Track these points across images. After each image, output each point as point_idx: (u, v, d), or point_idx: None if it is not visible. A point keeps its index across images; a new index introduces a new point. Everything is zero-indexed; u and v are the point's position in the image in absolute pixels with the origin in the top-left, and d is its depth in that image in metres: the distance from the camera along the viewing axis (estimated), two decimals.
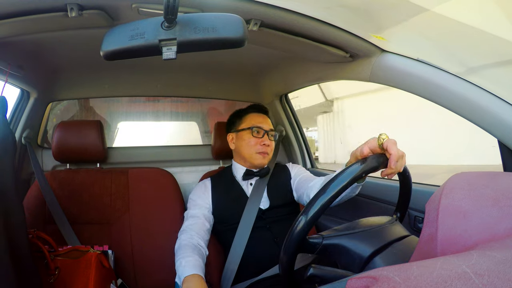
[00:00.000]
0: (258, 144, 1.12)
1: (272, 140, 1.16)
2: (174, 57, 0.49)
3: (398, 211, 0.77)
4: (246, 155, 1.14)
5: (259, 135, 1.13)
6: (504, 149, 0.70)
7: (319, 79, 1.21)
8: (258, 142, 1.12)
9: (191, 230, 1.03)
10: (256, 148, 1.12)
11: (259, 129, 1.13)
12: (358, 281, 0.33)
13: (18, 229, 0.74)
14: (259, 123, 1.14)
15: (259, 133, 1.13)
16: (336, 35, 0.78)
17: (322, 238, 0.62)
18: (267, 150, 1.13)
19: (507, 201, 0.42)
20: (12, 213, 0.72)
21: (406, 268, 0.31)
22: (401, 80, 0.80)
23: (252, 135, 1.13)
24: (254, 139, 1.13)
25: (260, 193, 1.12)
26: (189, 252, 0.94)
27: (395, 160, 0.62)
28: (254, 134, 1.13)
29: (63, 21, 0.68)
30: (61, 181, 1.20)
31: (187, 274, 0.85)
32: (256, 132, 1.13)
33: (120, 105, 2.27)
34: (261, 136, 1.13)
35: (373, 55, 0.84)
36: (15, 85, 1.13)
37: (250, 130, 1.13)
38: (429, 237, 0.44)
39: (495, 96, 0.67)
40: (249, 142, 1.13)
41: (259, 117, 1.17)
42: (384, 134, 0.64)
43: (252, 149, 1.13)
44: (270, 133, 1.15)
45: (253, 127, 1.13)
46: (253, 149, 1.12)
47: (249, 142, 1.13)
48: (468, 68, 0.78)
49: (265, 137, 1.13)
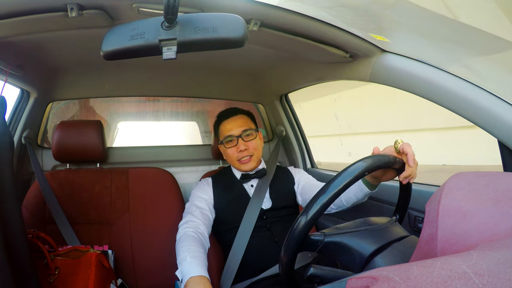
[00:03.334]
0: (235, 153, 1.11)
1: (250, 140, 1.11)
2: (174, 57, 0.50)
3: (398, 212, 0.77)
4: (233, 165, 1.16)
5: (233, 143, 1.11)
6: (504, 149, 0.70)
7: (319, 79, 1.21)
8: (235, 150, 1.11)
9: (197, 219, 1.03)
10: (235, 156, 1.11)
11: (231, 137, 1.11)
12: (358, 281, 0.33)
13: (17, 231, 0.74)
14: (228, 131, 1.12)
15: (232, 141, 1.11)
16: (336, 35, 0.78)
17: (324, 235, 0.62)
18: (246, 154, 1.10)
19: (507, 201, 0.42)
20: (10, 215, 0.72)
21: (406, 268, 0.31)
22: (401, 80, 0.80)
23: (225, 147, 1.12)
24: (231, 150, 1.12)
25: (263, 194, 1.12)
26: (195, 245, 0.92)
27: (412, 159, 0.66)
28: (228, 146, 1.12)
29: (63, 21, 0.68)
30: (61, 181, 1.19)
31: (194, 275, 0.82)
32: (228, 141, 1.12)
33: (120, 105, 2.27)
34: (236, 144, 1.11)
35: (373, 55, 0.84)
36: (15, 85, 1.13)
37: (223, 143, 1.13)
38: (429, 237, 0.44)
39: (495, 96, 0.67)
40: (228, 153, 1.13)
41: (228, 124, 1.14)
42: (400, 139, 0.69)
43: (233, 159, 1.12)
44: (243, 134, 1.11)
45: (224, 140, 1.13)
46: (234, 157, 1.12)
47: (228, 154, 1.13)
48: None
49: (239, 143, 1.10)
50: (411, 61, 0.77)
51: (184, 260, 0.87)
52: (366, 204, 1.16)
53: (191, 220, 1.03)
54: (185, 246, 0.92)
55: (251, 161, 1.11)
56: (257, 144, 1.14)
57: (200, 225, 1.02)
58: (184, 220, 1.04)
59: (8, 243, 0.69)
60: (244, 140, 1.10)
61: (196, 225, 1.01)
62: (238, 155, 1.10)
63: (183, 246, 0.92)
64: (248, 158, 1.11)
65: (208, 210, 1.10)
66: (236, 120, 1.14)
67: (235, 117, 1.15)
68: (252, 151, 1.11)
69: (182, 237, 0.96)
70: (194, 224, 1.01)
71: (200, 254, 0.90)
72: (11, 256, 0.70)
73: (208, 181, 1.18)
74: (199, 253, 0.90)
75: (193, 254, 0.88)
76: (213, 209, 1.12)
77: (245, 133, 1.11)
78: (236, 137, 1.10)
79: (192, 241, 0.94)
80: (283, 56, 1.17)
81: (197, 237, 0.97)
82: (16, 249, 0.73)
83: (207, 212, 1.08)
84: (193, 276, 0.82)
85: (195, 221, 1.03)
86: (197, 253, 0.89)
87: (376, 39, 0.80)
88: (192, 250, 0.90)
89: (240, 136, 1.10)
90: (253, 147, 1.11)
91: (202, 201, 1.11)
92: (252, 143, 1.12)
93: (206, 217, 1.07)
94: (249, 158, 1.11)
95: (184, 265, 0.86)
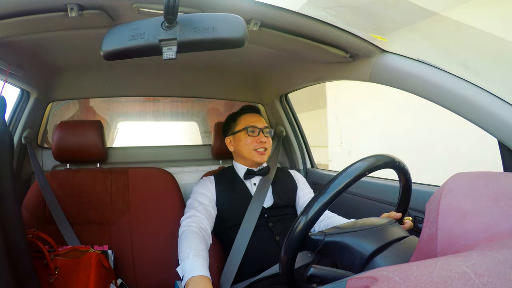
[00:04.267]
0: (255, 142, 1.17)
1: (268, 137, 1.20)
2: (174, 57, 0.50)
3: (398, 212, 0.77)
4: (245, 154, 1.18)
5: (255, 133, 1.18)
6: (504, 149, 0.70)
7: (319, 79, 1.21)
8: (255, 140, 1.17)
9: (200, 214, 1.04)
10: (253, 145, 1.17)
11: (254, 128, 1.18)
12: (358, 281, 0.33)
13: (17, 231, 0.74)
14: (252, 123, 1.19)
15: (254, 132, 1.18)
16: (336, 35, 0.78)
17: (324, 235, 0.62)
18: (265, 146, 1.17)
19: (507, 201, 0.42)
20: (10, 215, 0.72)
21: (406, 268, 0.31)
22: (401, 80, 0.80)
23: (248, 134, 1.18)
24: (251, 138, 1.17)
25: (264, 192, 1.14)
26: (198, 242, 0.92)
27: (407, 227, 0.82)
28: (250, 133, 1.18)
29: (63, 21, 0.68)
30: (61, 181, 1.19)
31: (196, 274, 0.82)
32: (251, 131, 1.18)
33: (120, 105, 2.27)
34: (257, 134, 1.18)
35: (373, 55, 0.84)
36: (15, 85, 1.13)
37: (245, 130, 1.18)
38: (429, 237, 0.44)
39: (495, 96, 0.67)
40: (246, 141, 1.17)
41: (252, 117, 1.21)
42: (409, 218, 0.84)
43: (250, 147, 1.17)
44: (265, 130, 1.19)
45: (247, 127, 1.18)
46: (251, 147, 1.17)
47: (246, 142, 1.18)
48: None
49: (260, 135, 1.18)
50: (411, 61, 0.78)
51: (186, 257, 0.87)
52: (366, 204, 1.16)
53: (194, 215, 1.03)
54: (187, 242, 0.92)
55: (265, 155, 1.18)
56: (271, 142, 1.22)
57: (203, 220, 1.03)
58: (187, 215, 1.04)
59: (8, 243, 0.69)
60: (265, 135, 1.19)
61: (199, 220, 1.02)
62: (257, 145, 1.17)
63: (186, 242, 0.92)
64: (264, 151, 1.17)
65: (211, 206, 1.11)
66: (259, 117, 1.24)
67: (258, 114, 1.25)
68: (268, 147, 1.19)
69: (185, 232, 0.97)
70: (197, 219, 1.02)
71: (202, 252, 0.90)
72: (11, 256, 0.70)
73: (210, 179, 1.20)
74: (201, 251, 0.90)
75: (195, 252, 0.88)
76: (215, 206, 1.13)
77: (266, 129, 1.21)
78: (259, 129, 1.19)
79: (195, 237, 0.94)
80: (283, 56, 1.17)
81: (200, 233, 0.97)
82: (16, 249, 0.73)
83: (210, 208, 1.09)
84: (195, 276, 0.82)
85: (199, 216, 1.03)
86: (199, 251, 0.89)
87: (376, 39, 0.80)
88: (194, 248, 0.90)
89: (262, 130, 1.19)
90: (269, 143, 1.20)
91: (204, 197, 1.12)
92: (269, 140, 1.21)
93: (209, 213, 1.08)
94: (265, 152, 1.18)
95: (186, 263, 0.86)
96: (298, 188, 1.24)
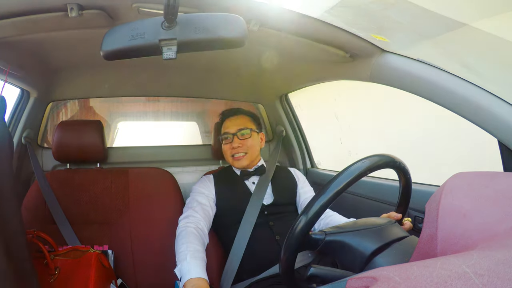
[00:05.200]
0: (230, 149, 1.17)
1: (245, 138, 1.17)
2: (174, 57, 0.50)
3: (398, 212, 0.77)
4: (227, 160, 1.21)
5: (228, 140, 1.18)
6: (504, 149, 0.70)
7: (319, 79, 1.21)
8: (229, 147, 1.18)
9: (198, 214, 1.05)
10: (230, 153, 1.18)
11: (226, 135, 1.18)
12: (358, 281, 0.33)
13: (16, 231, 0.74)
14: (225, 129, 1.20)
15: (228, 138, 1.18)
16: (336, 35, 0.78)
17: (325, 234, 0.62)
18: (239, 151, 1.16)
19: (507, 201, 0.42)
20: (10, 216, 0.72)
21: (406, 268, 0.31)
22: (401, 80, 0.80)
23: (223, 143, 1.20)
24: (226, 146, 1.19)
25: (264, 190, 1.15)
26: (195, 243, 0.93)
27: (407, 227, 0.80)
28: (224, 142, 1.19)
29: (63, 21, 0.68)
30: (61, 181, 1.19)
31: (193, 276, 0.83)
32: (224, 138, 1.19)
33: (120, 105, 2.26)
34: (231, 141, 1.17)
35: (373, 55, 0.84)
36: (15, 85, 1.13)
37: (220, 139, 1.21)
38: (429, 237, 0.44)
39: (495, 96, 0.67)
40: (224, 149, 1.20)
41: (228, 122, 1.21)
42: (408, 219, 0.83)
43: (228, 155, 1.19)
44: (239, 133, 1.17)
45: (221, 136, 1.21)
46: (228, 154, 1.18)
47: (224, 150, 1.21)
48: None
49: (234, 140, 1.16)
50: (411, 61, 0.77)
51: (184, 259, 0.88)
52: (366, 204, 1.16)
53: (191, 215, 1.04)
54: (185, 244, 0.92)
55: (244, 158, 1.17)
56: (253, 143, 1.19)
57: (200, 220, 1.03)
58: (185, 215, 1.05)
59: (8, 243, 0.69)
60: (239, 138, 1.17)
61: (196, 221, 1.02)
62: (232, 151, 1.17)
63: (183, 243, 0.93)
64: (242, 155, 1.16)
65: (209, 206, 1.11)
66: (236, 119, 1.21)
67: (235, 116, 1.22)
68: (246, 149, 1.17)
69: (183, 233, 0.97)
70: (194, 220, 1.02)
71: (199, 253, 0.91)
72: (11, 256, 0.70)
73: (210, 177, 1.20)
74: (198, 252, 0.91)
75: (192, 254, 0.89)
76: (214, 205, 1.13)
77: (240, 131, 1.17)
78: (232, 134, 1.17)
79: (192, 238, 0.95)
80: (283, 56, 1.17)
81: (197, 233, 0.98)
82: (16, 249, 0.73)
83: (208, 208, 1.10)
84: (192, 278, 0.83)
85: (196, 216, 1.04)
86: (196, 253, 0.90)
87: (376, 39, 0.80)
88: (192, 249, 0.90)
89: (235, 134, 1.17)
90: (247, 145, 1.17)
91: (203, 196, 1.12)
92: (247, 141, 1.17)
93: (207, 213, 1.08)
94: (243, 156, 1.16)
95: (183, 265, 0.87)
96: (298, 185, 1.24)
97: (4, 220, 0.70)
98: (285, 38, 0.79)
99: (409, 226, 0.81)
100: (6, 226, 0.70)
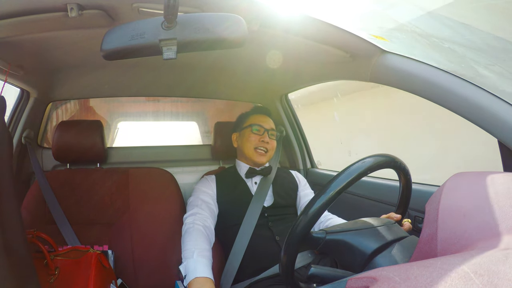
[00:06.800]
0: (257, 140, 1.17)
1: (273, 139, 1.20)
2: (174, 57, 0.50)
3: (398, 212, 0.77)
4: (246, 152, 1.19)
5: (259, 132, 1.18)
6: (504, 149, 0.70)
7: (319, 79, 1.21)
8: (258, 138, 1.17)
9: (204, 212, 1.04)
10: (255, 143, 1.17)
11: (259, 127, 1.18)
12: (358, 281, 0.33)
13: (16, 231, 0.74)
14: (260, 122, 1.20)
15: (259, 130, 1.18)
16: (336, 35, 0.78)
17: (326, 233, 0.62)
18: (266, 147, 1.17)
19: (507, 201, 0.42)
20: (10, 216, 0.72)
21: (406, 268, 0.31)
22: (401, 80, 0.80)
23: (252, 132, 1.18)
24: (254, 136, 1.17)
25: (265, 191, 1.14)
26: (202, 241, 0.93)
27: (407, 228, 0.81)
28: (254, 131, 1.18)
29: (63, 21, 0.68)
30: (61, 181, 1.19)
31: (200, 275, 0.82)
32: (256, 129, 1.18)
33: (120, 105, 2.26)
34: (261, 134, 1.17)
35: (373, 55, 0.84)
36: (15, 85, 1.13)
37: (250, 128, 1.18)
38: (429, 237, 0.44)
39: (495, 96, 0.67)
40: (249, 138, 1.18)
41: (261, 117, 1.22)
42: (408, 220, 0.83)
43: (252, 145, 1.17)
44: (270, 132, 1.19)
45: (253, 125, 1.19)
46: (253, 144, 1.17)
47: (249, 139, 1.18)
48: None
49: (265, 135, 1.18)
50: (411, 61, 0.77)
51: (191, 257, 0.87)
52: (366, 204, 1.16)
53: (198, 212, 1.03)
54: (192, 241, 0.92)
55: (265, 156, 1.18)
56: (275, 145, 1.22)
57: (208, 218, 1.03)
58: (191, 212, 1.04)
59: (7, 244, 0.69)
60: (269, 137, 1.19)
61: (203, 218, 1.02)
62: (258, 143, 1.17)
63: (190, 240, 0.92)
64: (265, 152, 1.17)
65: (213, 204, 1.11)
66: (268, 119, 1.24)
67: (267, 116, 1.25)
68: (270, 148, 1.19)
69: (190, 230, 0.96)
70: (201, 217, 1.02)
71: (206, 252, 0.90)
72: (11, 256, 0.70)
73: (212, 178, 1.20)
74: (205, 251, 0.90)
75: (199, 252, 0.88)
76: (216, 205, 1.13)
77: (272, 131, 1.21)
78: (265, 129, 1.19)
79: (199, 236, 0.94)
80: (283, 56, 1.17)
81: (204, 231, 0.97)
82: (15, 249, 0.73)
83: (213, 206, 1.10)
84: (198, 277, 0.82)
85: (203, 213, 1.03)
86: (203, 251, 0.89)
87: (376, 39, 0.80)
88: (199, 247, 0.90)
89: (268, 131, 1.19)
90: (272, 145, 1.20)
91: (207, 195, 1.12)
92: (273, 143, 1.21)
93: (212, 211, 1.08)
94: (265, 153, 1.18)
95: (190, 262, 0.86)
96: (299, 188, 1.24)
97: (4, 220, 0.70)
98: (285, 38, 0.79)
99: (409, 227, 0.81)
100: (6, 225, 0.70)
